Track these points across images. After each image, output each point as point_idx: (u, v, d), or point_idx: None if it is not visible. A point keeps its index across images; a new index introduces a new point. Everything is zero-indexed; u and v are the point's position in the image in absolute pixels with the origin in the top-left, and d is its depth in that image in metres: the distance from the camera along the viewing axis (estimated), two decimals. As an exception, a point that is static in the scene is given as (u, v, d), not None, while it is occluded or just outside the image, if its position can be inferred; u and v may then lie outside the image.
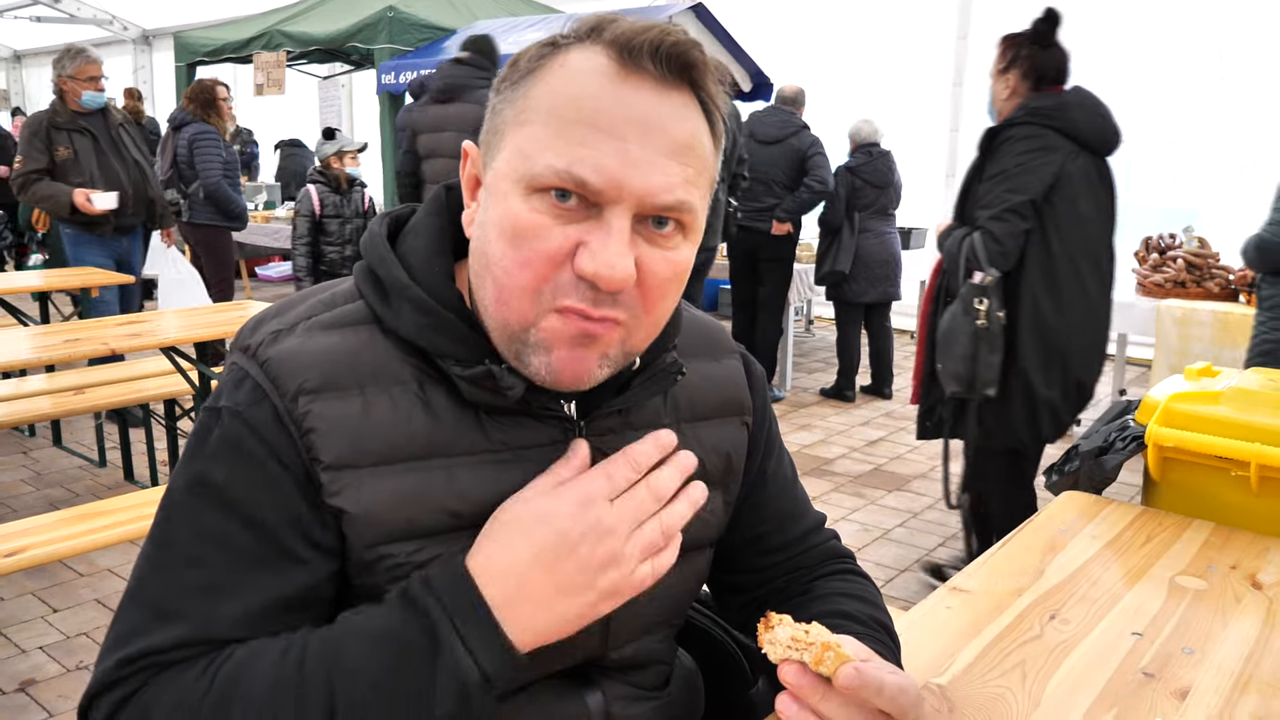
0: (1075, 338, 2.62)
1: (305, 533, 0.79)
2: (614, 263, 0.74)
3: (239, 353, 0.84)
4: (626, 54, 0.76)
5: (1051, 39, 2.67)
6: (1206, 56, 6.47)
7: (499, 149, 0.80)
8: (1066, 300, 2.59)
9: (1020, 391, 2.62)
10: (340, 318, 0.85)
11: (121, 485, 4.19)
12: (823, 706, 0.75)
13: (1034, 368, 2.59)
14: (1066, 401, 2.63)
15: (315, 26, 7.88)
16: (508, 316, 0.79)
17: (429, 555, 0.81)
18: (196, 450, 0.81)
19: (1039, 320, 2.58)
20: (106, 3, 12.88)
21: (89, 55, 4.69)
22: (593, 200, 0.76)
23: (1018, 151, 2.60)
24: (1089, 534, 1.44)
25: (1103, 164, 2.69)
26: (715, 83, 0.80)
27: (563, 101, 0.76)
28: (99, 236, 4.88)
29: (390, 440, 0.81)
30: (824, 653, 0.74)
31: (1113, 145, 2.68)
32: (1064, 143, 2.57)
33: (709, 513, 0.97)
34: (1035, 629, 1.14)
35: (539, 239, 0.76)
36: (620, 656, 0.93)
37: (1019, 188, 2.56)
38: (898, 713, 0.75)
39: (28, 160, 4.65)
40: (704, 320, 1.04)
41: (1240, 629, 1.16)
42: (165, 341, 3.40)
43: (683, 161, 0.77)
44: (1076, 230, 2.55)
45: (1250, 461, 1.51)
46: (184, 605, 0.77)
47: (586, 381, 0.81)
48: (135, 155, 4.92)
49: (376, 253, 0.87)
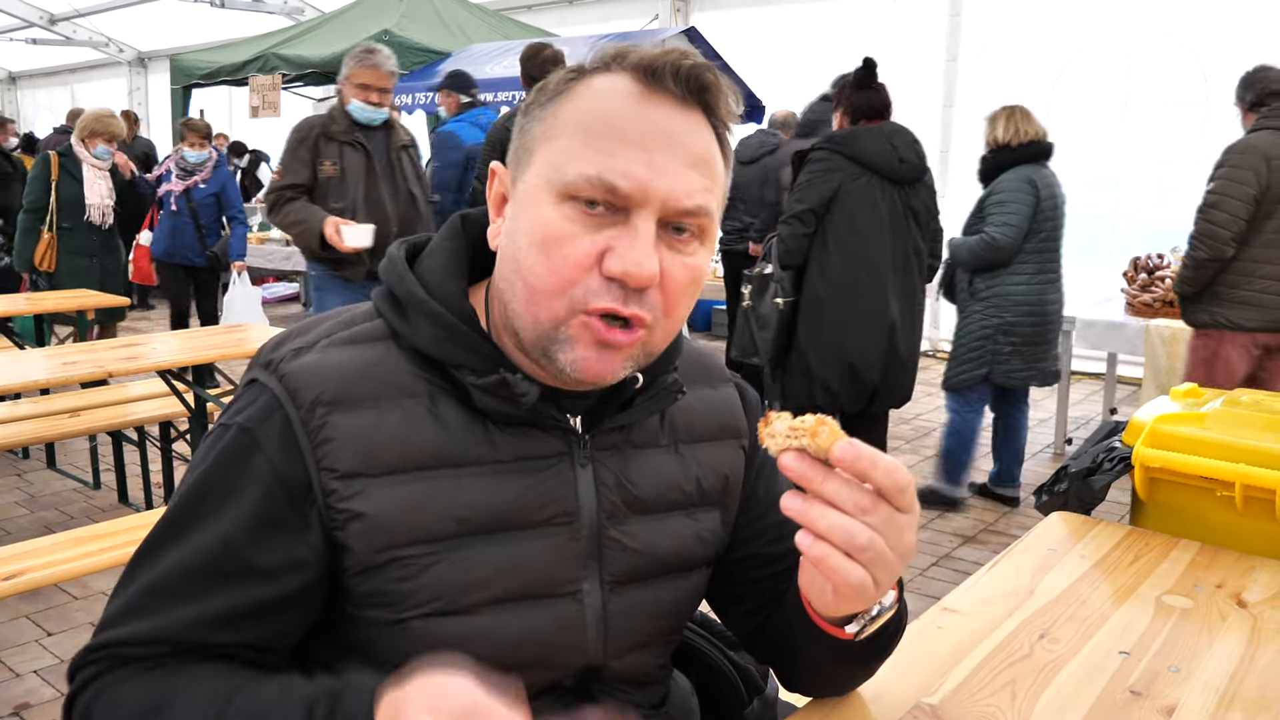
0: (849, 329, 3.10)
1: (281, 550, 0.83)
2: (642, 261, 0.80)
3: (260, 368, 0.89)
4: (650, 75, 0.83)
5: (869, 83, 3.22)
6: (1192, 78, 6.56)
7: (529, 164, 0.86)
8: (841, 297, 3.09)
9: (799, 368, 3.20)
10: (358, 335, 0.90)
11: (116, 508, 4.19)
12: (824, 489, 0.75)
13: (811, 349, 3.15)
14: (841, 382, 3.12)
15: (310, 50, 7.94)
16: (539, 315, 0.84)
17: (436, 560, 0.85)
18: (200, 460, 0.87)
19: (816, 310, 3.12)
20: (103, 25, 12.96)
21: (368, 60, 3.75)
22: (620, 205, 0.81)
23: (809, 170, 3.18)
24: (1078, 554, 1.46)
25: (898, 187, 3.14)
26: (727, 107, 0.87)
27: (591, 118, 0.83)
28: (346, 280, 3.83)
29: (401, 450, 0.85)
30: (819, 426, 0.74)
31: (902, 173, 3.12)
32: (849, 166, 3.10)
33: (707, 532, 0.99)
34: (1025, 648, 1.16)
35: (569, 245, 0.81)
36: (619, 668, 0.95)
37: (803, 199, 3.14)
38: (894, 487, 0.74)
39: (286, 173, 3.77)
40: (701, 350, 1.08)
41: (1226, 647, 1.18)
42: (160, 364, 3.42)
43: (701, 172, 0.84)
44: (852, 239, 3.07)
45: (1235, 482, 1.54)
46: (150, 603, 0.83)
47: (610, 379, 0.86)
48: (411, 186, 3.99)
49: (395, 272, 0.92)
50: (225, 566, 0.83)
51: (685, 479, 0.98)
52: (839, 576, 0.76)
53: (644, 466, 0.96)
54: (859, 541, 0.74)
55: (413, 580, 0.85)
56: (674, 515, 0.97)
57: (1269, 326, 3.46)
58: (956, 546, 3.93)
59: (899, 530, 0.76)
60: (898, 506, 0.76)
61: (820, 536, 0.75)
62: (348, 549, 0.84)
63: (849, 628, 0.86)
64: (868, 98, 3.21)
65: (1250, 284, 3.45)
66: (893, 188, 3.12)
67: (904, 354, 3.13)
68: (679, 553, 0.97)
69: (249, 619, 0.83)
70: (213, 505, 0.84)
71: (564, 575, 0.90)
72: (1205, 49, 6.46)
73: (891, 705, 1.02)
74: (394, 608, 0.86)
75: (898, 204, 3.12)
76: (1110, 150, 7.03)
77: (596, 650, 0.93)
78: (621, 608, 0.93)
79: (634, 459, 0.95)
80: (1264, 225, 3.40)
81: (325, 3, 10.54)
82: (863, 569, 0.75)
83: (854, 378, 3.10)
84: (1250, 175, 3.36)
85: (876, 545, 0.75)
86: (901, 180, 3.13)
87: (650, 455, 0.96)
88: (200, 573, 0.83)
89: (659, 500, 0.96)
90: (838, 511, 0.75)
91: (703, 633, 1.19)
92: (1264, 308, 3.44)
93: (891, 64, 7.67)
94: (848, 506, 0.74)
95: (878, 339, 3.08)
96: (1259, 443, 1.57)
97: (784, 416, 0.78)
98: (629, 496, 0.94)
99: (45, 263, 5.30)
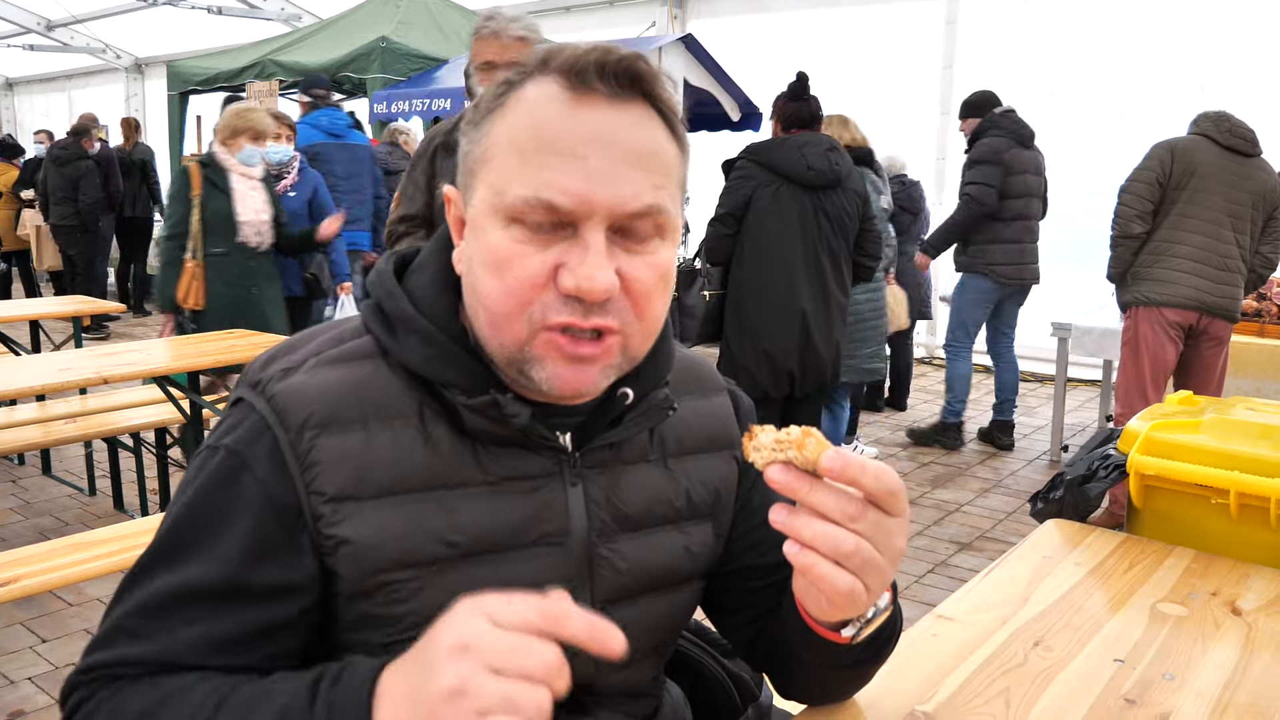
0: (762, 321, 3.42)
1: (271, 575, 0.82)
2: (593, 274, 0.78)
3: (247, 388, 0.87)
4: (575, 76, 0.80)
5: (801, 94, 3.54)
6: (1187, 88, 6.58)
7: (474, 188, 0.84)
8: (756, 291, 3.43)
9: (726, 356, 3.53)
10: (346, 353, 0.88)
11: (111, 514, 4.18)
12: (811, 499, 0.74)
13: (733, 338, 3.50)
14: (759, 368, 3.43)
15: (308, 56, 7.94)
16: (503, 339, 0.82)
17: (426, 583, 0.84)
18: (189, 482, 0.85)
19: (737, 304, 3.47)
20: (100, 32, 12.96)
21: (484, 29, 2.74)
22: (566, 221, 0.79)
23: (730, 178, 3.52)
24: (1073, 561, 1.46)
25: (810, 192, 3.41)
26: (668, 89, 0.84)
27: (521, 133, 0.81)
28: None
29: (391, 473, 0.84)
30: (805, 439, 0.74)
31: (809, 179, 3.39)
32: (761, 174, 3.40)
33: (698, 545, 0.99)
34: (1019, 656, 1.16)
35: (520, 267, 0.79)
36: (611, 683, 0.95)
37: (724, 204, 3.48)
38: (884, 491, 0.74)
39: (401, 200, 2.95)
40: (693, 358, 1.07)
41: (1220, 655, 1.18)
42: (157, 370, 3.41)
43: (645, 168, 0.81)
44: (763, 239, 3.38)
45: (1230, 489, 1.54)
46: (142, 626, 0.81)
47: (592, 390, 0.84)
48: None
49: (384, 288, 0.90)
50: (220, 591, 0.81)
51: (675, 494, 0.97)
52: (827, 584, 0.76)
53: (632, 482, 0.94)
54: (845, 549, 0.74)
55: (403, 604, 0.84)
56: (663, 530, 0.96)
57: (1179, 304, 3.88)
58: (953, 554, 3.94)
59: (888, 535, 0.76)
60: (888, 510, 0.75)
61: (807, 545, 0.75)
62: (337, 574, 0.83)
63: (844, 631, 0.86)
64: (797, 108, 3.53)
65: (1161, 262, 3.91)
66: (804, 193, 3.39)
67: (818, 342, 3.41)
68: (669, 567, 0.96)
69: (244, 644, 0.82)
70: (206, 530, 0.83)
71: None
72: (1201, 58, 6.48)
73: (886, 713, 1.02)
74: (384, 631, 0.85)
75: (808, 207, 3.39)
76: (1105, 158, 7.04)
77: (587, 669, 0.92)
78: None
79: (622, 475, 0.94)
80: (1170, 210, 3.88)
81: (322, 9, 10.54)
82: (851, 575, 0.75)
83: (771, 364, 3.41)
84: (1156, 163, 3.88)
85: (864, 551, 0.75)
86: (811, 185, 3.39)
87: (638, 471, 0.95)
88: (194, 598, 0.81)
89: (648, 515, 0.95)
90: (824, 520, 0.75)
91: (697, 640, 1.18)
92: (1173, 284, 3.88)
93: (888, 71, 7.74)
94: (835, 515, 0.74)
95: (790, 329, 3.39)
96: (1254, 450, 1.57)
97: (768, 430, 0.77)
98: (618, 513, 0.93)
99: (191, 299, 4.21)
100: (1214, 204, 3.84)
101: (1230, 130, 3.86)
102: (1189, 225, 3.86)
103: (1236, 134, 3.86)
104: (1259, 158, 3.93)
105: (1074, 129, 6.87)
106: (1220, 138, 3.86)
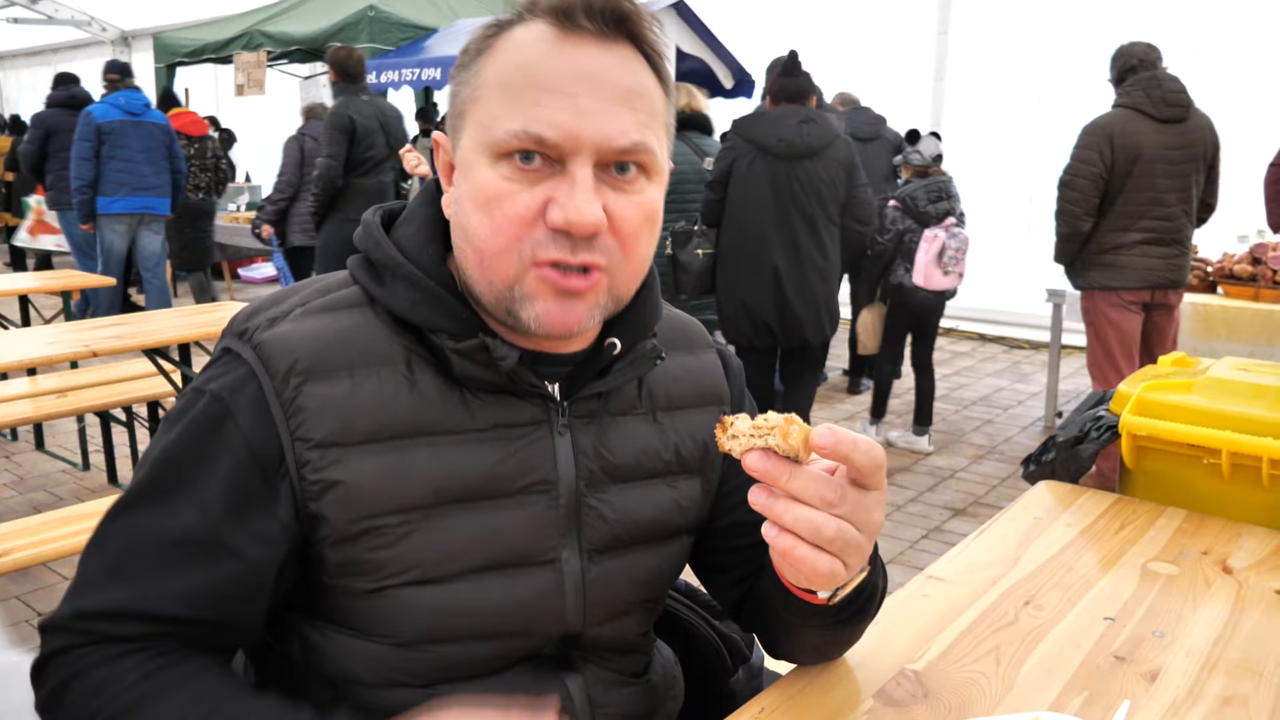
0: (740, 276, 3.79)
1: (250, 526, 0.82)
2: (582, 209, 0.79)
3: (233, 337, 0.87)
4: (564, 16, 0.81)
5: (793, 70, 3.78)
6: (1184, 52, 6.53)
7: (463, 129, 0.85)
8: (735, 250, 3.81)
9: (717, 306, 3.92)
10: (333, 302, 0.89)
11: (105, 488, 4.18)
12: (791, 486, 0.74)
13: (721, 292, 3.88)
14: (740, 319, 3.81)
15: (295, 26, 7.85)
16: (492, 277, 0.83)
17: (414, 528, 0.85)
18: (173, 424, 0.85)
19: (722, 262, 3.85)
20: (85, 4, 12.79)
21: None
22: (554, 157, 0.80)
23: (721, 149, 3.91)
24: (1064, 522, 1.46)
25: (784, 162, 3.68)
26: (654, 31, 0.84)
27: (512, 71, 0.81)
28: None
29: (378, 419, 0.84)
30: (789, 426, 0.74)
31: (780, 150, 3.68)
32: (742, 145, 3.75)
33: (687, 500, 0.99)
34: (1010, 615, 1.16)
35: (510, 203, 0.80)
36: (598, 635, 0.95)
37: (713, 172, 3.86)
38: (873, 465, 0.74)
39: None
40: (681, 316, 1.07)
41: (1210, 612, 1.18)
42: (148, 343, 3.39)
43: (633, 107, 0.82)
44: (741, 203, 3.75)
45: (1222, 449, 1.54)
46: (128, 569, 0.81)
47: (578, 328, 0.84)
48: None
49: (371, 238, 0.90)
50: (202, 539, 0.82)
51: (664, 447, 0.97)
52: (807, 566, 0.76)
53: (621, 434, 0.95)
54: (826, 534, 0.74)
55: (389, 549, 0.84)
56: (653, 483, 0.96)
57: (1134, 286, 3.90)
58: (946, 519, 3.95)
59: (868, 511, 0.76)
60: (870, 486, 0.76)
61: (786, 530, 0.75)
62: (323, 519, 0.83)
63: (820, 594, 0.86)
64: (785, 84, 3.82)
65: (1111, 250, 3.89)
66: (777, 162, 3.70)
67: (792, 297, 3.74)
68: (658, 520, 0.96)
69: (224, 596, 0.82)
70: (186, 474, 0.83)
71: (542, 544, 0.90)
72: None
73: (876, 671, 1.02)
74: (371, 577, 0.85)
75: (780, 176, 3.70)
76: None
77: (575, 618, 0.92)
78: (600, 576, 0.92)
79: (611, 427, 0.94)
80: (1115, 199, 3.83)
81: (310, -21, 10.39)
82: (831, 557, 0.75)
83: (749, 315, 3.79)
84: (1095, 155, 3.78)
85: (845, 534, 0.75)
86: (783, 156, 3.70)
87: (627, 423, 0.96)
88: (177, 544, 0.82)
89: (637, 468, 0.95)
90: (804, 505, 0.74)
91: (687, 602, 1.19)
92: (1125, 269, 3.89)
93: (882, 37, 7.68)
94: (815, 502, 0.74)
95: (764, 283, 3.75)
96: (1246, 410, 1.57)
97: (742, 418, 0.77)
98: (606, 464, 0.93)
99: None
100: (1157, 185, 3.78)
101: (1164, 100, 3.73)
102: (1135, 211, 3.81)
103: (1170, 102, 3.74)
104: (1192, 119, 3.80)
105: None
106: (1155, 110, 3.74)
